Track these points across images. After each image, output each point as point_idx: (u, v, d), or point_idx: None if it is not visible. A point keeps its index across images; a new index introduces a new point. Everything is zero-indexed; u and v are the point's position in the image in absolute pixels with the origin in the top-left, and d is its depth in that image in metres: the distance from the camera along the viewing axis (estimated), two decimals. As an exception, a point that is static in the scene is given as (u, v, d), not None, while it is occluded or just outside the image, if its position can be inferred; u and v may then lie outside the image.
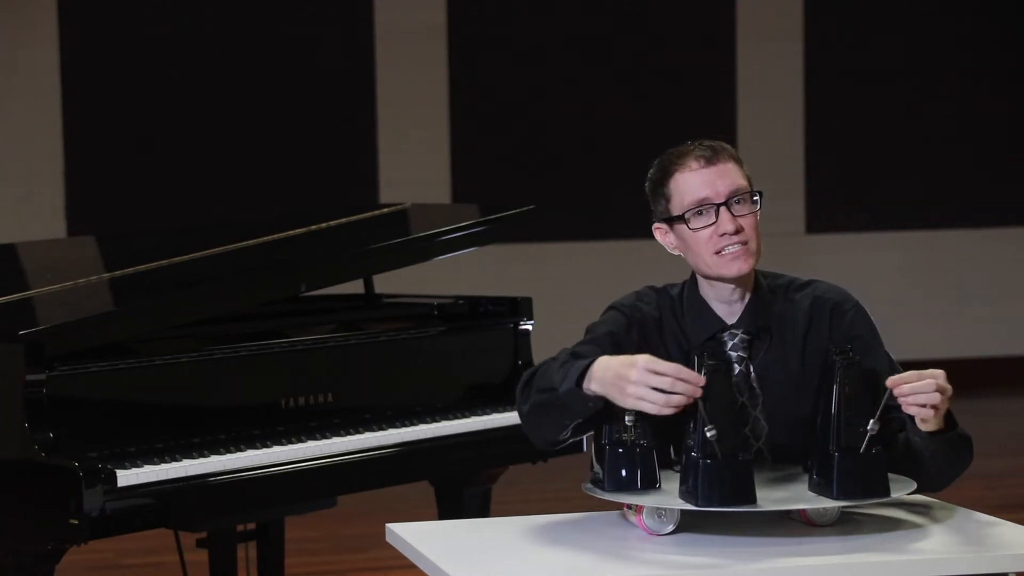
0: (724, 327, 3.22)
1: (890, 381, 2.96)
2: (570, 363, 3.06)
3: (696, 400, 2.93)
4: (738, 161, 3.21)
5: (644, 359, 2.93)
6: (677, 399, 2.89)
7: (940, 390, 2.94)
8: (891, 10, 10.20)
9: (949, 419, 3.05)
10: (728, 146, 3.23)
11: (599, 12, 9.86)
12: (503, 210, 4.84)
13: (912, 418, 3.02)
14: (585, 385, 2.99)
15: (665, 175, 3.21)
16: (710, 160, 3.17)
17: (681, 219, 3.18)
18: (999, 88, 10.36)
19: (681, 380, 2.89)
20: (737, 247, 3.15)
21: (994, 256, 10.41)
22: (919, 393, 2.94)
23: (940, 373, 2.96)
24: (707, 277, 3.22)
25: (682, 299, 3.26)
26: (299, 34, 9.48)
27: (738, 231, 3.15)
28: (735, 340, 3.21)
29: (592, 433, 3.13)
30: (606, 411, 3.02)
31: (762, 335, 3.22)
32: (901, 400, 2.95)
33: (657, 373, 2.90)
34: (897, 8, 10.21)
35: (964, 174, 10.33)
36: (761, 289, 3.25)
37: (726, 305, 3.22)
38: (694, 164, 3.18)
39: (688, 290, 3.26)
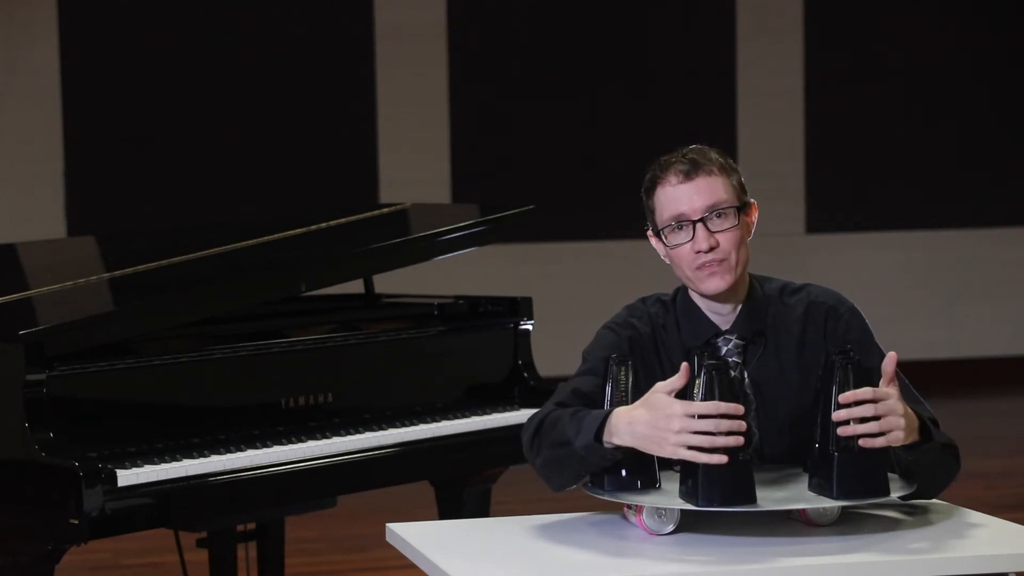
0: (718, 332, 3.21)
1: (843, 397, 2.89)
2: (583, 415, 3.00)
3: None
4: (724, 171, 3.16)
5: (680, 407, 2.86)
6: (723, 441, 2.82)
7: (881, 413, 2.88)
8: (891, 11, 10.20)
9: (924, 431, 2.99)
10: (715, 155, 3.17)
11: (599, 12, 9.86)
12: (503, 210, 4.84)
13: None
14: (605, 439, 2.94)
15: (651, 186, 3.18)
16: (688, 175, 3.13)
17: (662, 234, 3.17)
18: (998, 88, 10.37)
19: (723, 417, 2.82)
20: (713, 264, 3.13)
21: (994, 256, 10.41)
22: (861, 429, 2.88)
23: (886, 393, 2.90)
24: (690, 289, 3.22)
25: (675, 305, 3.24)
26: (299, 34, 9.48)
27: (712, 248, 3.12)
28: (729, 345, 3.19)
29: None
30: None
31: (757, 340, 3.20)
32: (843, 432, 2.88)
33: (699, 416, 2.83)
34: (896, 9, 10.21)
35: (964, 174, 10.33)
36: (755, 294, 3.23)
37: (719, 313, 3.21)
38: (673, 179, 3.14)
39: (681, 297, 3.25)
